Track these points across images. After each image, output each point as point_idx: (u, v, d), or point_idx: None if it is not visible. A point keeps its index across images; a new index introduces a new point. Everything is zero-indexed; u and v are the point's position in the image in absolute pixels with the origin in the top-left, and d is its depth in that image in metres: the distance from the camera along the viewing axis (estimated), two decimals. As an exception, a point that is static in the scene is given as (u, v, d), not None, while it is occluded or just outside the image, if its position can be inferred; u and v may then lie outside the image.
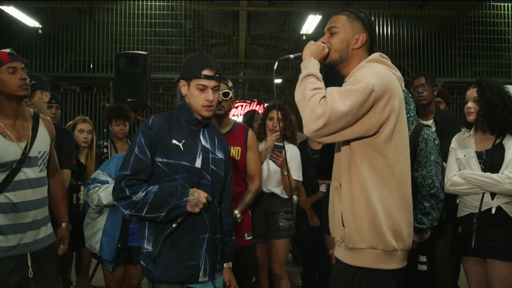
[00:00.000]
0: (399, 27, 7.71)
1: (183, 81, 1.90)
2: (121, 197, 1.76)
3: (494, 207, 2.31)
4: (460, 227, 2.43)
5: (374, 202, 1.52)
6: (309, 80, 1.55)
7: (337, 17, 1.72)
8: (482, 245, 2.31)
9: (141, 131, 1.82)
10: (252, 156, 2.62)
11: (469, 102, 2.43)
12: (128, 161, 1.78)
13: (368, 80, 1.48)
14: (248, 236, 2.60)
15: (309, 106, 1.47)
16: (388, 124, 1.53)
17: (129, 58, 4.69)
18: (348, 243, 1.57)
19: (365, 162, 1.55)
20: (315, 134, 1.47)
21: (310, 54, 1.66)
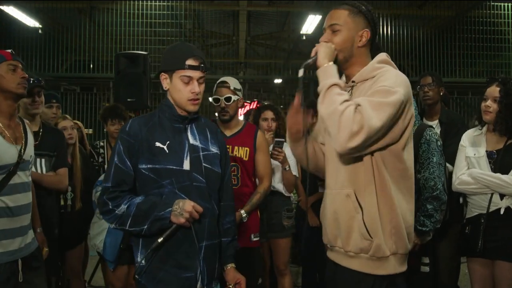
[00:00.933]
0: (399, 27, 7.71)
1: (164, 74, 1.72)
2: (104, 211, 1.65)
3: (503, 207, 2.27)
4: (467, 228, 2.39)
5: (395, 206, 1.49)
6: (335, 91, 1.44)
7: (337, 12, 1.60)
8: (489, 246, 2.27)
9: (119, 138, 1.67)
10: (261, 157, 2.61)
11: (489, 101, 2.32)
12: (109, 172, 1.66)
13: (399, 91, 1.42)
14: (254, 237, 2.58)
15: (343, 122, 1.37)
16: (408, 130, 1.50)
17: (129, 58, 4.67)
18: (377, 253, 1.48)
19: (386, 167, 1.50)
20: (351, 151, 1.40)
21: (326, 57, 1.52)
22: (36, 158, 2.52)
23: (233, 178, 2.53)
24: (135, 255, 1.71)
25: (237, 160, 2.55)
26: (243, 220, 2.47)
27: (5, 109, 1.98)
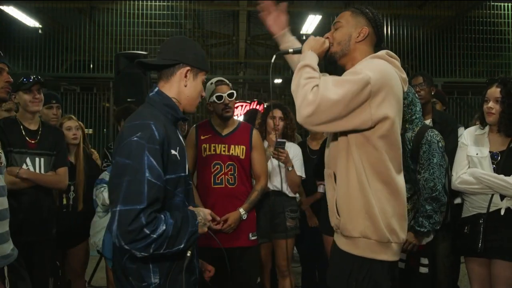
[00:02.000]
0: (399, 27, 7.71)
1: (189, 68, 1.58)
2: (137, 239, 1.35)
3: (504, 208, 2.27)
4: (466, 227, 2.38)
5: (370, 194, 1.53)
6: (305, 70, 1.55)
7: (342, 13, 1.75)
8: (488, 246, 2.27)
9: (146, 149, 1.40)
10: (257, 156, 2.63)
11: (491, 102, 2.32)
12: (139, 190, 1.37)
13: (366, 72, 1.46)
14: (252, 236, 2.59)
15: (301, 93, 1.47)
16: (384, 125, 1.51)
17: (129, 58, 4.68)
18: (343, 231, 1.60)
19: (362, 155, 1.54)
20: (306, 120, 1.46)
21: (309, 48, 1.66)
22: (35, 157, 2.53)
23: (230, 177, 2.55)
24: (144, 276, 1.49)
25: (234, 159, 2.56)
26: (242, 218, 2.47)
27: None
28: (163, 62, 1.58)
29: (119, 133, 1.58)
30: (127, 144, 1.41)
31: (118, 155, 1.42)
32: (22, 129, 2.51)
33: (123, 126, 1.51)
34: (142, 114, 1.52)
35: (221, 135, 2.59)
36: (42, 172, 2.55)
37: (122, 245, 1.36)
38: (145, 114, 1.51)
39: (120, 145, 1.43)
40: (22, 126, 2.52)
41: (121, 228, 1.35)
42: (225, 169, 2.54)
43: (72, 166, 3.00)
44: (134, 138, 1.40)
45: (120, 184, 1.38)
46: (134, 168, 1.38)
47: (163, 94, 1.59)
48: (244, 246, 2.50)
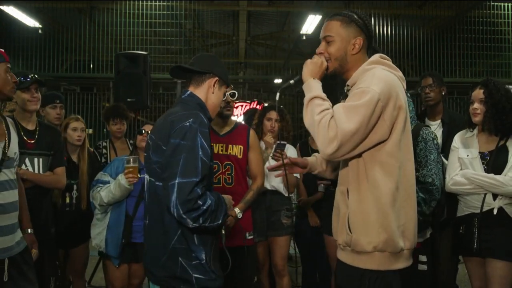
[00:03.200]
0: (399, 27, 7.71)
1: (218, 79, 1.84)
2: (193, 208, 1.56)
3: (496, 207, 2.32)
4: (461, 228, 2.43)
5: (386, 206, 1.52)
6: (315, 102, 1.54)
7: (330, 23, 1.69)
8: (483, 245, 2.31)
9: (199, 131, 1.64)
10: (254, 156, 2.64)
11: (475, 103, 2.42)
12: (194, 165, 1.58)
13: (373, 90, 1.48)
14: (249, 235, 2.60)
15: (320, 131, 1.48)
16: (397, 127, 1.53)
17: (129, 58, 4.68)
18: (356, 247, 1.57)
19: (377, 166, 1.54)
20: (333, 156, 1.49)
21: (309, 74, 1.66)
22: (34, 158, 2.52)
23: (227, 177, 2.56)
24: (196, 252, 1.67)
25: (232, 159, 2.57)
26: (238, 217, 2.47)
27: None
28: (199, 69, 1.82)
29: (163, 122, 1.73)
30: (182, 128, 1.63)
31: (173, 137, 1.62)
32: (20, 129, 2.50)
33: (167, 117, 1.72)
34: (184, 108, 1.75)
35: (219, 134, 2.60)
36: (41, 172, 2.56)
37: (180, 214, 1.55)
38: (187, 108, 1.75)
39: (174, 128, 1.64)
40: (20, 126, 2.52)
41: (181, 197, 1.54)
42: (223, 168, 2.55)
43: (75, 166, 3.01)
44: (187, 123, 1.63)
45: (177, 161, 1.58)
46: (189, 147, 1.60)
47: (195, 95, 1.82)
48: (241, 245, 2.50)
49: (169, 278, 1.69)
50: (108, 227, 2.75)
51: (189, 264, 1.66)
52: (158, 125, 1.79)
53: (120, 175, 2.65)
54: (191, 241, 1.68)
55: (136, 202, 2.75)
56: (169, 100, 7.50)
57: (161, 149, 1.68)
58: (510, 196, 2.29)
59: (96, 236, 2.78)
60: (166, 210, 1.66)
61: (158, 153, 1.70)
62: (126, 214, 2.73)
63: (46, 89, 6.03)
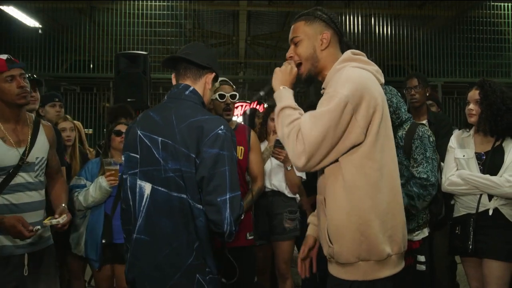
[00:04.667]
0: (399, 27, 7.70)
1: (215, 74, 1.75)
2: (240, 222, 1.56)
3: (491, 208, 2.33)
4: (457, 228, 2.44)
5: (367, 212, 1.45)
6: (285, 113, 1.49)
7: (295, 25, 1.66)
8: (478, 246, 2.32)
9: (232, 141, 1.58)
10: (254, 157, 2.62)
11: (471, 104, 2.42)
12: (236, 178, 1.55)
13: (340, 93, 1.41)
14: (249, 235, 2.58)
15: (289, 144, 1.43)
16: (373, 126, 1.46)
17: (129, 58, 4.68)
18: (339, 259, 1.50)
19: (354, 170, 1.46)
20: (305, 168, 1.43)
21: (279, 83, 1.60)
22: None
23: None
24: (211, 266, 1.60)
25: None
26: None
27: (9, 115, 2.03)
28: (200, 62, 1.68)
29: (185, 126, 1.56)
30: (217, 136, 1.53)
31: (209, 146, 1.51)
32: None
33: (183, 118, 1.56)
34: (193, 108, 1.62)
35: None
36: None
37: (232, 230, 1.50)
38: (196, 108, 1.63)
39: (206, 136, 1.52)
40: None
41: (234, 213, 1.49)
42: None
43: (68, 166, 3.00)
44: (219, 131, 1.54)
45: (222, 173, 1.50)
46: (230, 157, 1.53)
47: (198, 93, 1.70)
48: (242, 245, 2.50)
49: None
50: (87, 230, 2.71)
51: (204, 280, 1.56)
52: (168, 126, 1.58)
53: (101, 177, 2.63)
54: (207, 255, 1.58)
55: (114, 201, 2.69)
56: (169, 100, 7.48)
57: (187, 157, 1.53)
58: (505, 197, 2.29)
59: (75, 241, 2.75)
60: (184, 225, 1.53)
61: (179, 160, 1.53)
62: (105, 214, 2.68)
63: (46, 89, 6.03)
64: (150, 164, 1.58)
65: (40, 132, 2.14)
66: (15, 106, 2.03)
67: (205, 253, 1.57)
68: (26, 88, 2.01)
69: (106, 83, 7.29)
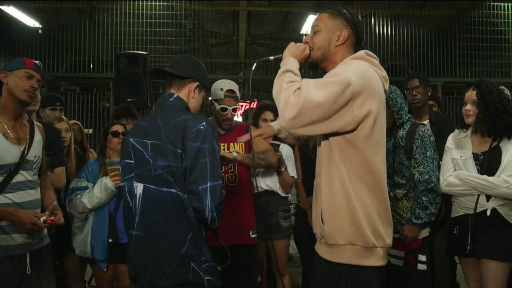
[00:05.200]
0: (399, 27, 7.70)
1: (198, 83, 1.86)
2: (221, 209, 1.64)
3: (489, 209, 2.33)
4: (455, 229, 2.44)
5: (354, 200, 1.53)
6: (286, 75, 1.54)
7: (320, 15, 1.73)
8: (477, 246, 2.32)
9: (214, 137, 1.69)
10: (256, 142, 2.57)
11: (468, 105, 2.42)
12: (218, 168, 1.66)
13: (346, 74, 1.46)
14: (252, 234, 2.60)
15: (283, 96, 1.46)
16: (366, 123, 1.51)
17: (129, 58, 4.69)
18: (328, 239, 1.58)
19: (345, 159, 1.54)
20: (290, 123, 1.44)
21: (290, 54, 1.65)
22: None
23: (230, 175, 2.57)
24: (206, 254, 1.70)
25: None
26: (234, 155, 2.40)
27: (11, 111, 2.06)
28: (180, 74, 1.82)
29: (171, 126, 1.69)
30: (199, 131, 1.65)
31: (192, 141, 1.63)
32: None
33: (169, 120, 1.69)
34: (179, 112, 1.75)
35: (220, 134, 2.61)
36: (41, 172, 2.56)
37: (214, 216, 1.60)
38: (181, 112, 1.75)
39: (189, 131, 1.64)
40: None
41: (215, 200, 1.59)
42: (226, 167, 2.54)
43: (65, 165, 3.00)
44: (201, 126, 1.66)
45: (203, 164, 1.61)
46: (211, 150, 1.64)
47: (182, 99, 1.82)
48: (245, 244, 2.50)
49: (179, 286, 1.65)
50: (92, 232, 2.67)
51: (200, 268, 1.66)
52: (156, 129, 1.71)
53: (105, 178, 2.63)
54: (201, 245, 1.69)
55: (116, 201, 2.70)
56: (169, 100, 7.48)
57: (173, 153, 1.64)
58: (503, 197, 2.29)
59: (79, 244, 2.69)
60: (175, 217, 1.64)
61: (167, 157, 1.65)
62: (109, 214, 2.69)
63: (46, 90, 6.03)
64: (142, 166, 1.72)
65: (36, 131, 2.17)
66: (19, 103, 2.05)
67: (199, 243, 1.67)
68: (36, 90, 2.10)
69: (106, 83, 7.28)
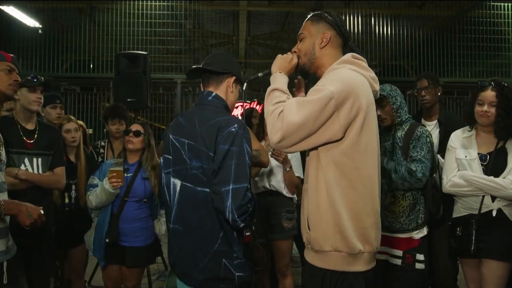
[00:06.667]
0: (399, 27, 7.70)
1: (235, 78, 1.91)
2: (245, 212, 1.66)
3: (495, 209, 2.29)
4: (458, 229, 2.41)
5: (340, 206, 1.54)
6: (274, 94, 1.61)
7: (304, 23, 1.79)
8: (480, 247, 2.30)
9: (244, 137, 1.72)
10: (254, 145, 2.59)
11: (486, 106, 2.35)
12: (245, 171, 1.68)
13: (327, 89, 1.50)
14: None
15: (270, 120, 1.54)
16: (353, 128, 1.53)
17: (129, 58, 4.68)
18: (314, 245, 1.60)
19: (332, 166, 1.55)
20: (278, 146, 1.53)
21: (277, 68, 1.72)
22: (33, 157, 2.53)
23: None
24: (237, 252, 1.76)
25: None
26: None
27: None
28: (218, 69, 1.87)
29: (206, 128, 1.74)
30: (229, 134, 1.69)
31: (222, 143, 1.68)
32: (19, 129, 2.51)
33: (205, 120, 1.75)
34: (216, 111, 1.80)
35: None
36: (40, 172, 2.55)
37: (235, 218, 1.64)
38: (218, 111, 1.80)
39: (221, 133, 1.69)
40: (19, 126, 2.52)
41: (236, 203, 1.63)
42: None
43: (73, 166, 3.01)
44: (233, 129, 1.70)
45: (229, 166, 1.65)
46: (238, 153, 1.67)
47: (220, 97, 1.87)
48: None
49: (210, 280, 1.74)
50: (96, 229, 2.75)
51: (231, 264, 1.74)
52: (193, 128, 1.78)
53: (105, 179, 2.65)
54: (232, 242, 1.76)
55: (120, 202, 2.72)
56: (169, 100, 7.49)
57: (207, 155, 1.71)
58: (510, 199, 2.27)
59: (87, 238, 2.81)
60: (208, 215, 1.73)
61: (201, 159, 1.72)
62: (112, 214, 2.71)
63: (47, 90, 6.02)
64: (180, 163, 1.81)
65: None
66: (3, 97, 2.01)
67: (230, 241, 1.75)
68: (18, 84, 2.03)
69: (106, 83, 7.29)
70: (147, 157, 2.79)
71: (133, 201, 2.74)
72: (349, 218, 1.53)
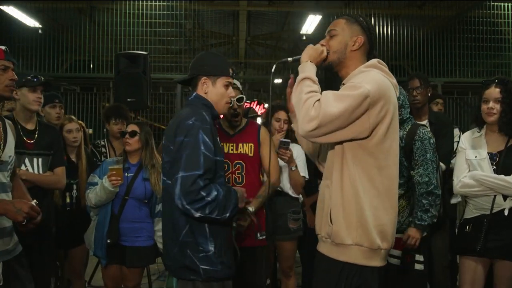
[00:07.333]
0: (399, 27, 7.70)
1: (206, 78, 1.94)
2: (196, 199, 1.70)
3: (507, 208, 2.27)
4: (468, 227, 2.37)
5: (363, 201, 1.59)
6: (305, 83, 1.62)
7: (337, 21, 1.79)
8: (490, 245, 2.26)
9: (201, 128, 1.77)
10: (264, 152, 2.58)
11: (491, 102, 2.32)
12: (197, 160, 1.73)
13: (364, 86, 1.54)
14: (261, 236, 2.54)
15: (303, 108, 1.55)
16: (380, 129, 1.59)
17: (129, 58, 4.68)
18: (336, 238, 1.62)
19: (357, 163, 1.61)
20: (310, 134, 1.55)
21: (308, 57, 1.72)
22: (33, 158, 2.52)
23: (237, 176, 2.53)
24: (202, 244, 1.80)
25: (242, 157, 2.53)
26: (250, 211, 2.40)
27: None
28: (188, 77, 1.98)
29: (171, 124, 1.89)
30: (185, 126, 1.78)
31: (177, 136, 1.78)
32: (20, 129, 2.50)
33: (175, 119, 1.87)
34: (192, 109, 1.88)
35: (229, 134, 2.58)
36: (40, 172, 2.55)
37: (183, 204, 1.70)
38: (194, 109, 1.87)
39: (179, 127, 1.79)
40: (19, 126, 2.51)
41: (183, 189, 1.69)
42: (233, 168, 2.52)
43: (75, 165, 3.01)
44: (190, 121, 1.78)
45: (180, 156, 1.74)
46: (192, 143, 1.74)
47: (200, 97, 1.94)
48: (251, 246, 2.47)
49: (180, 268, 1.83)
50: (96, 227, 2.74)
51: (196, 256, 1.79)
52: (168, 128, 1.92)
53: (104, 177, 2.65)
54: (198, 235, 1.80)
55: (121, 201, 2.71)
56: (169, 100, 7.49)
57: (169, 149, 1.84)
58: None
59: (88, 237, 2.79)
60: (175, 206, 1.77)
61: (167, 153, 1.86)
62: (112, 214, 2.70)
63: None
64: (162, 160, 1.96)
65: (8, 130, 1.98)
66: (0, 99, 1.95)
67: (196, 233, 1.80)
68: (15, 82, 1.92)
69: (106, 83, 7.29)
70: (145, 156, 2.78)
71: (133, 201, 2.74)
72: (370, 215, 1.59)
